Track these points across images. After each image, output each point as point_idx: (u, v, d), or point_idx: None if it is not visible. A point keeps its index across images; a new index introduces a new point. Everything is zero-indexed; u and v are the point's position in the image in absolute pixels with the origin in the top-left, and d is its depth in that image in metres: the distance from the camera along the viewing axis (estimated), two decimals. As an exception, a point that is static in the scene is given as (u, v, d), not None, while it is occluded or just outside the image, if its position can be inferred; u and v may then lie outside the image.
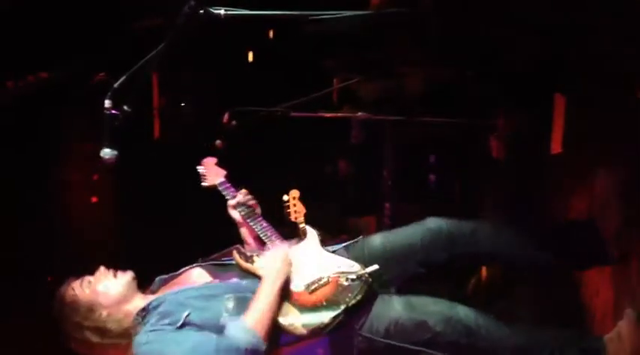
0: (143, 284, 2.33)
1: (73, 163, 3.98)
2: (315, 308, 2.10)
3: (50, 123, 3.80)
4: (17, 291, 3.44)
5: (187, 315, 2.04)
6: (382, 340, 2.10)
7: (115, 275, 2.22)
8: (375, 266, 2.19)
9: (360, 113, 3.62)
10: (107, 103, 2.04)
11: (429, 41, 3.61)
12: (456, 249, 2.32)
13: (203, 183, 2.65)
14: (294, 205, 2.52)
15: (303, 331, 2.06)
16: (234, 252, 2.33)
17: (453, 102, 3.72)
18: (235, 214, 2.51)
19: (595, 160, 2.70)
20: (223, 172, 2.65)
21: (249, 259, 2.28)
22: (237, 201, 2.49)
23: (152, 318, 2.10)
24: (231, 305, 2.10)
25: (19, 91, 3.62)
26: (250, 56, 4.47)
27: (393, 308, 2.14)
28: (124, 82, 2.05)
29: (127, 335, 2.13)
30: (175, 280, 2.34)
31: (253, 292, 2.12)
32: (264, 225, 2.43)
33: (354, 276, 2.16)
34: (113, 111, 2.04)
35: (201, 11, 2.05)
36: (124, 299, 2.18)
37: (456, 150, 3.97)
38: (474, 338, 2.10)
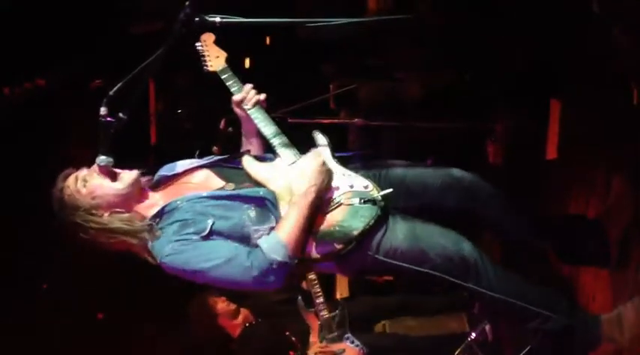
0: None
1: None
2: (327, 231, 2.04)
3: (49, 128, 3.80)
4: (16, 293, 3.44)
5: (212, 224, 2.01)
6: (381, 257, 2.07)
7: (113, 178, 2.10)
8: (390, 190, 2.11)
9: (357, 119, 3.63)
10: (102, 111, 2.03)
11: (426, 45, 3.62)
12: (469, 202, 2.28)
13: (205, 68, 2.41)
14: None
15: (317, 255, 2.04)
16: (244, 158, 2.21)
17: (450, 106, 3.72)
18: (239, 111, 2.36)
19: (590, 166, 2.70)
20: (224, 54, 2.42)
21: (260, 170, 2.17)
22: (242, 97, 2.32)
23: (171, 226, 2.04)
24: (253, 214, 2.06)
25: (16, 98, 3.62)
26: (247, 62, 4.47)
27: (395, 235, 2.09)
28: (120, 89, 2.05)
29: (134, 235, 2.06)
30: (181, 180, 2.23)
31: (272, 201, 2.08)
32: (272, 127, 2.26)
33: (366, 198, 2.08)
34: (108, 119, 2.03)
35: (197, 19, 2.05)
36: (126, 200, 2.10)
37: (452, 154, 3.96)
38: (472, 275, 2.08)
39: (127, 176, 2.12)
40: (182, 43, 2.08)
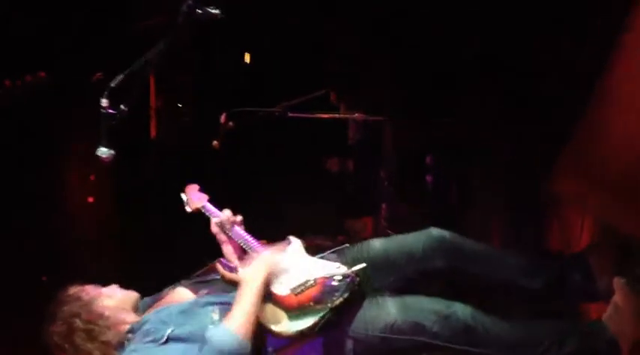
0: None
1: (70, 163, 3.98)
2: (302, 310, 2.07)
3: (47, 122, 3.81)
4: (14, 291, 3.44)
5: (171, 331, 2.03)
6: (378, 336, 2.07)
7: (122, 289, 2.24)
8: (362, 265, 2.16)
9: (357, 114, 3.63)
10: (104, 102, 2.03)
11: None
12: (455, 261, 2.29)
13: (187, 208, 2.65)
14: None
15: (292, 333, 2.04)
16: (218, 265, 2.28)
17: (452, 101, 3.72)
18: (219, 234, 2.44)
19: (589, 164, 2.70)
20: (205, 197, 2.63)
21: (233, 270, 2.24)
22: (221, 221, 2.43)
23: (137, 337, 2.08)
24: (216, 316, 2.08)
25: (17, 91, 3.62)
26: (247, 57, 4.48)
27: (387, 311, 2.11)
28: (121, 81, 2.05)
29: (112, 331, 2.11)
30: (160, 301, 2.32)
31: None
32: (247, 237, 2.38)
33: (340, 277, 2.13)
34: (110, 111, 2.03)
35: (199, 11, 2.05)
36: (123, 308, 2.18)
37: (453, 150, 3.97)
38: (473, 336, 2.08)
39: (134, 292, 2.25)
40: (185, 36, 2.09)
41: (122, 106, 2.06)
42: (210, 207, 2.56)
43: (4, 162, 3.51)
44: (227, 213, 2.45)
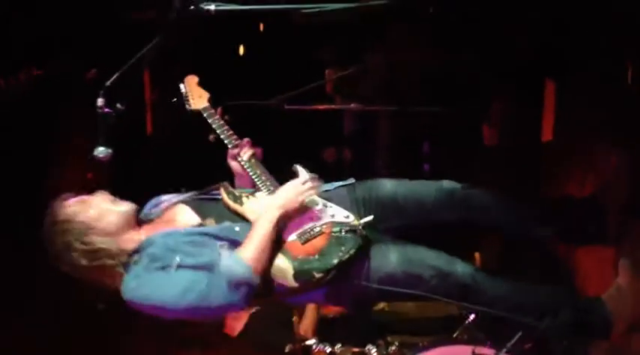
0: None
1: (67, 161, 3.97)
2: (306, 260, 2.03)
3: (43, 120, 3.79)
4: (16, 292, 3.44)
5: (179, 260, 2.01)
6: (377, 287, 2.08)
7: (114, 202, 2.16)
8: (370, 217, 2.10)
9: (353, 104, 3.63)
10: (100, 102, 2.03)
11: (422, 28, 3.62)
12: (466, 213, 2.29)
13: (187, 107, 2.49)
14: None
15: (294, 283, 2.02)
16: (222, 190, 2.22)
17: (446, 90, 3.73)
18: (235, 165, 2.39)
19: (586, 146, 2.72)
20: (207, 94, 2.50)
21: (237, 199, 2.18)
22: (240, 154, 2.35)
23: (142, 261, 2.06)
24: (225, 252, 2.05)
25: (10, 89, 3.61)
26: (241, 50, 4.46)
27: (388, 260, 2.09)
28: (116, 79, 2.05)
29: (115, 259, 2.08)
30: (162, 217, 2.26)
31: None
32: (264, 173, 2.29)
33: (348, 228, 2.08)
34: (106, 110, 2.03)
35: (192, 7, 2.05)
36: (120, 229, 2.12)
37: (448, 138, 3.98)
38: (470, 294, 2.09)
39: (128, 205, 2.17)
40: (177, 32, 2.08)
41: (118, 105, 2.06)
42: (211, 111, 2.43)
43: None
44: (245, 141, 2.38)
